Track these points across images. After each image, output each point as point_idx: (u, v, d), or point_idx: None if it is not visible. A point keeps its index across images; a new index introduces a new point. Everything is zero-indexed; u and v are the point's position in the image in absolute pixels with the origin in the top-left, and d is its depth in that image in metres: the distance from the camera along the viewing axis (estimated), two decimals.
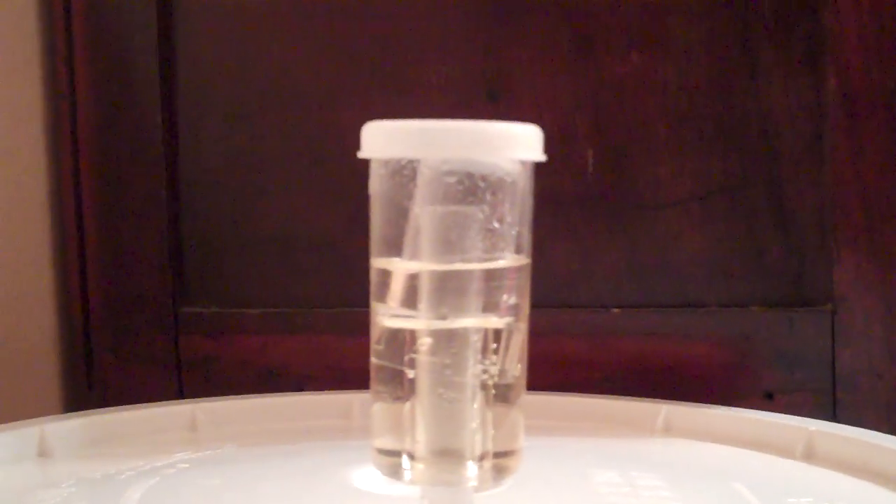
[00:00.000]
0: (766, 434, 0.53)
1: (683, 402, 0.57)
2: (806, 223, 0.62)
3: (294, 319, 0.68)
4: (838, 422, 0.61)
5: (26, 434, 0.51)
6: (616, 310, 0.64)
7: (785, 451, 0.52)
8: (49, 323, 0.69)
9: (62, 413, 0.67)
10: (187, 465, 0.48)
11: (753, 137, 0.63)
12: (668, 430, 0.56)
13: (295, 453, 0.52)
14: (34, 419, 0.53)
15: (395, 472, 0.35)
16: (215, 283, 0.69)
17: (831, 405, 0.62)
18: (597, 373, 0.64)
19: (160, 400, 0.60)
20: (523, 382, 0.35)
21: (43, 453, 0.51)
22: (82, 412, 0.56)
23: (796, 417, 0.54)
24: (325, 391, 0.61)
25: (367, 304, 0.35)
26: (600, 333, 0.64)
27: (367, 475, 0.45)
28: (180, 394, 0.68)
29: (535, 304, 0.64)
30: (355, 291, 0.35)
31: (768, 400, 0.62)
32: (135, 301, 0.69)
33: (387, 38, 0.66)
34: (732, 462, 0.51)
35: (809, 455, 0.51)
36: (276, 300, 0.68)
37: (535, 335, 0.64)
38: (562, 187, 0.65)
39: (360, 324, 0.37)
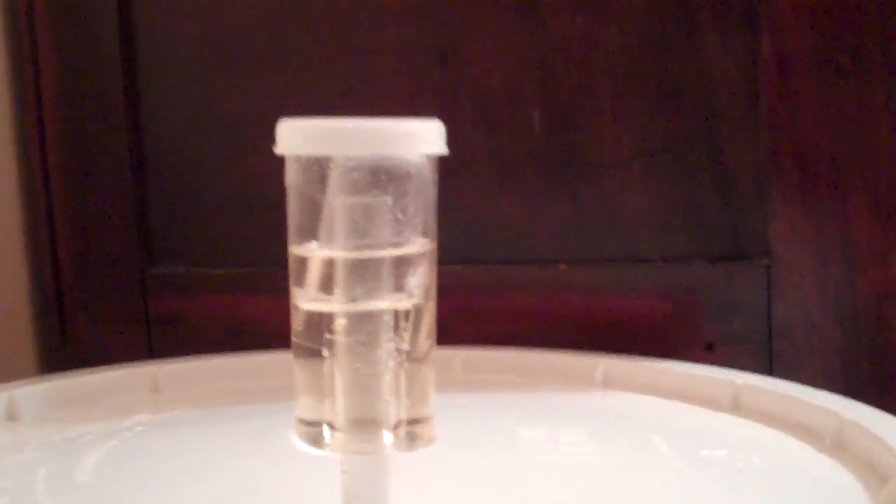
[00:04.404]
0: (696, 387, 0.56)
1: (621, 356, 0.60)
2: (743, 180, 0.65)
3: (259, 279, 0.70)
4: (775, 371, 0.65)
5: None
6: (563, 265, 0.67)
7: (714, 404, 0.55)
8: (22, 284, 0.72)
9: (37, 371, 0.71)
10: (143, 429, 0.51)
11: (693, 98, 0.65)
12: (607, 384, 0.59)
13: (244, 415, 0.54)
14: (3, 384, 0.56)
15: (316, 441, 0.38)
16: (181, 243, 0.71)
17: (768, 355, 0.64)
18: (544, 327, 0.67)
19: (131, 357, 0.63)
20: (433, 356, 0.38)
21: (12, 417, 0.54)
22: (50, 375, 0.59)
23: (726, 370, 0.57)
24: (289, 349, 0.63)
25: None
26: (548, 288, 0.67)
27: None
28: (150, 351, 0.71)
29: (485, 260, 0.67)
30: None
31: (709, 351, 0.65)
32: (104, 262, 0.71)
33: (344, 2, 0.68)
34: (661, 414, 0.54)
35: (736, 407, 0.54)
36: (242, 260, 0.71)
37: (484, 290, 0.67)
38: (509, 147, 0.67)
39: None
